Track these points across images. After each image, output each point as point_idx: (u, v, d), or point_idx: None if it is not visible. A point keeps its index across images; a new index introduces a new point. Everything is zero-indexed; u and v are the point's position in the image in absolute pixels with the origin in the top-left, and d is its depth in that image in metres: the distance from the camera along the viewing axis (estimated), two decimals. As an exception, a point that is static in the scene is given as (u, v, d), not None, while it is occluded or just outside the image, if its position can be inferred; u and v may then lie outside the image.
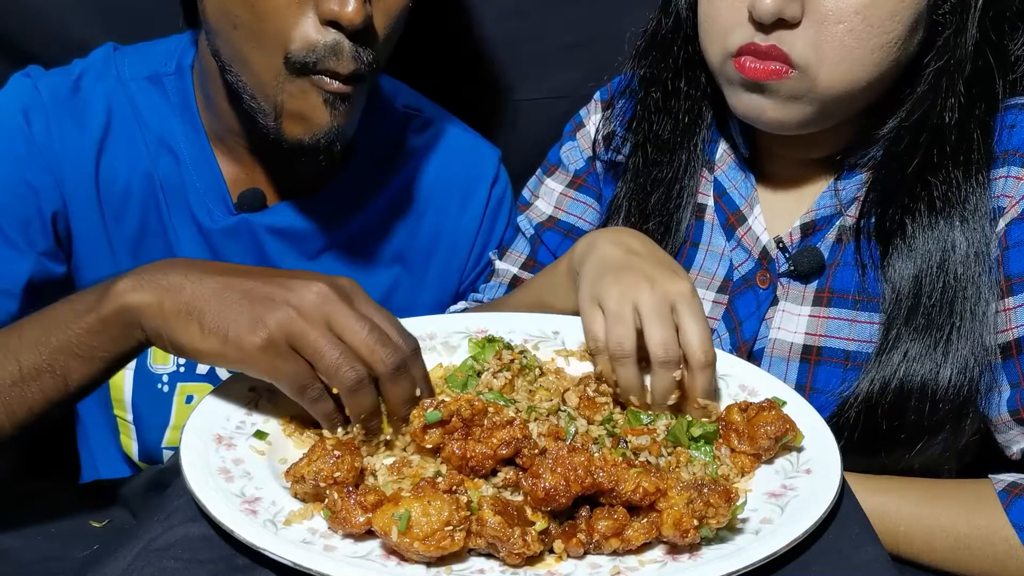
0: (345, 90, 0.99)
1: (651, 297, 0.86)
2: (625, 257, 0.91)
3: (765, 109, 0.96)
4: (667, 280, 0.87)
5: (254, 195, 1.15)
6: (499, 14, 1.38)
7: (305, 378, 0.78)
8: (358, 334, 0.78)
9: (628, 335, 0.86)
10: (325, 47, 0.96)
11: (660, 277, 0.87)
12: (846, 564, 0.71)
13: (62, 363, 0.81)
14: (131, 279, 0.81)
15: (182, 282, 0.80)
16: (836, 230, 1.02)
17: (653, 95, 1.11)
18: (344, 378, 0.77)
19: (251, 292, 0.79)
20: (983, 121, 0.95)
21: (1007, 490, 0.89)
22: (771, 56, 0.93)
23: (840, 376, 0.98)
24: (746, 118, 1.00)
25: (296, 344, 0.77)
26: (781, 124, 0.97)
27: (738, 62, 0.94)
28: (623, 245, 0.93)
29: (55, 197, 1.10)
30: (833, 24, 0.90)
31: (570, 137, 1.23)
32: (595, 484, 0.71)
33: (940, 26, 0.95)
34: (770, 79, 0.93)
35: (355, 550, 0.69)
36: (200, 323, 0.78)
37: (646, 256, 0.91)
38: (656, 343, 0.85)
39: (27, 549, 0.84)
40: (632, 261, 0.90)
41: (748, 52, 0.94)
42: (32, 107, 1.10)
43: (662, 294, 0.86)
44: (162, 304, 0.79)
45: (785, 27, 0.92)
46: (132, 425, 1.21)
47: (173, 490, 0.76)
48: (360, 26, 0.95)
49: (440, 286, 1.27)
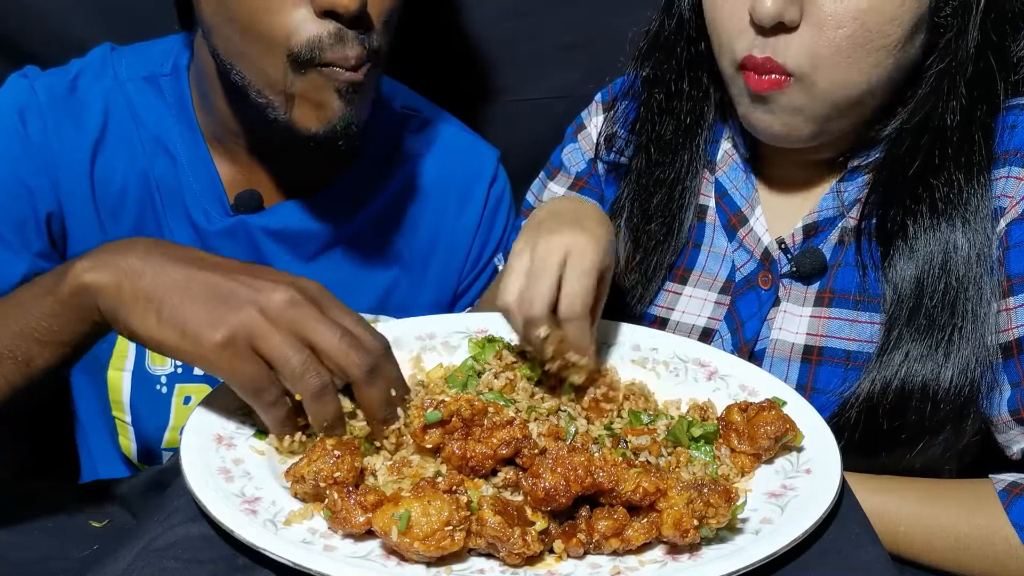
0: (357, 78, 0.98)
1: (539, 249, 0.86)
2: (545, 216, 0.91)
3: (771, 123, 0.97)
4: (565, 233, 0.87)
5: (251, 196, 1.15)
6: (498, 14, 1.38)
7: (262, 381, 0.76)
8: (330, 340, 0.76)
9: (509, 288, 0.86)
10: (329, 36, 0.95)
11: (561, 230, 0.87)
12: (846, 564, 0.71)
13: (23, 348, 0.79)
14: (90, 259, 0.79)
15: (142, 267, 0.78)
16: (838, 231, 1.02)
17: (656, 96, 1.11)
18: (308, 384, 0.76)
19: (215, 288, 0.77)
20: (984, 123, 0.95)
21: (1007, 490, 0.89)
22: (767, 69, 0.93)
23: (841, 376, 0.98)
24: (755, 131, 1.00)
25: (258, 346, 0.76)
26: (787, 138, 0.98)
27: (746, 75, 0.95)
28: (550, 208, 0.94)
29: (51, 197, 1.10)
30: (832, 29, 0.90)
31: (571, 139, 1.23)
32: (595, 484, 0.71)
33: (942, 28, 0.95)
34: (771, 90, 0.94)
35: (355, 550, 0.69)
36: (158, 313, 0.76)
37: (566, 216, 0.91)
38: (523, 299, 0.86)
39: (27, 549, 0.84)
40: (548, 218, 0.90)
41: (748, 66, 0.94)
42: (28, 107, 1.10)
43: (551, 245, 0.86)
44: (120, 286, 0.77)
45: (785, 32, 0.92)
46: (131, 426, 1.21)
47: (173, 490, 0.76)
48: (357, 12, 0.94)
49: (439, 287, 1.27)
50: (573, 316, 0.85)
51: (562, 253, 0.86)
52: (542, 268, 0.85)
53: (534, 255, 0.86)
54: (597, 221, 0.92)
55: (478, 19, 1.38)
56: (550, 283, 0.85)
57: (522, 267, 0.87)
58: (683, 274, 1.10)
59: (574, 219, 0.90)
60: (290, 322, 0.76)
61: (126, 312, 0.77)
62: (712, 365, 0.96)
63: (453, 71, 1.40)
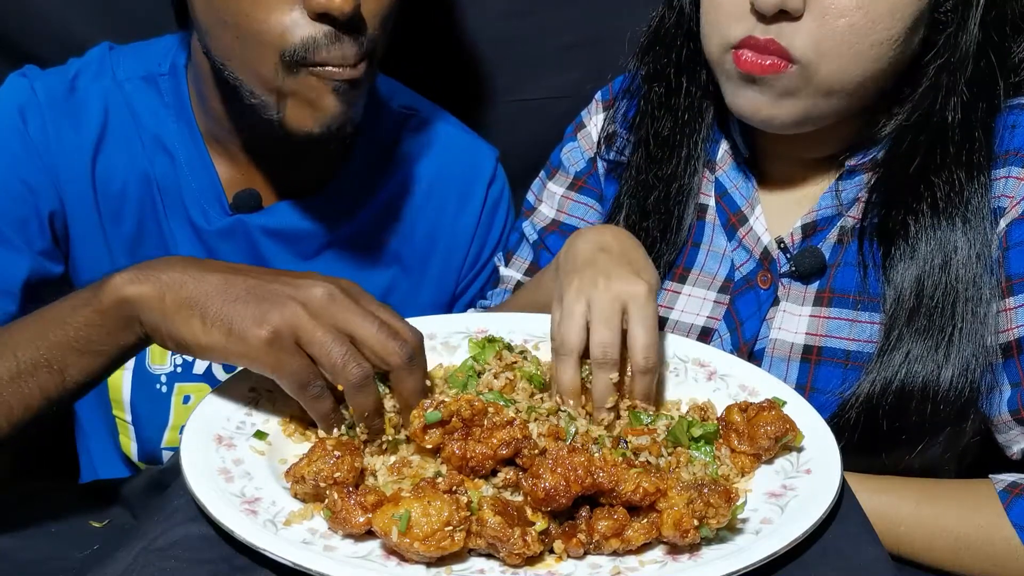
0: (355, 74, 0.98)
1: (601, 296, 0.85)
2: (593, 254, 0.90)
3: (759, 106, 0.96)
4: (623, 279, 0.86)
5: (250, 196, 1.15)
6: (498, 14, 1.38)
7: (308, 375, 0.78)
8: (369, 330, 0.78)
9: (573, 332, 0.85)
10: (325, 37, 0.95)
11: (618, 276, 0.87)
12: (846, 564, 0.71)
13: (60, 358, 0.81)
14: (130, 273, 0.80)
15: (181, 278, 0.79)
16: (837, 231, 1.02)
17: (656, 91, 1.11)
18: (351, 375, 0.77)
19: (255, 289, 0.79)
20: (985, 122, 0.95)
21: (1007, 490, 0.89)
22: (769, 50, 0.92)
23: (841, 376, 0.98)
24: (740, 114, 0.99)
25: (302, 340, 0.77)
26: (774, 121, 0.97)
27: (736, 55, 0.94)
28: (596, 242, 0.92)
29: (52, 197, 1.10)
30: (835, 18, 0.90)
31: (571, 138, 1.23)
32: (595, 484, 0.71)
33: (941, 24, 0.95)
34: (765, 73, 0.93)
35: (355, 550, 0.69)
36: (202, 317, 0.78)
37: (616, 254, 0.90)
38: (595, 343, 0.84)
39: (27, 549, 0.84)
40: (598, 258, 0.90)
41: (747, 45, 0.94)
42: (28, 107, 1.10)
43: (614, 294, 0.85)
44: (163, 297, 0.79)
45: (786, 19, 0.91)
46: (131, 426, 1.21)
47: (173, 490, 0.76)
48: (351, 14, 0.94)
49: (438, 286, 1.27)
50: (650, 369, 0.85)
51: (623, 301, 0.85)
52: (608, 316, 0.85)
53: (594, 300, 0.85)
54: (644, 259, 0.92)
55: (478, 19, 1.38)
56: (617, 333, 0.85)
57: (581, 313, 0.86)
58: (682, 273, 1.10)
59: (623, 258, 0.90)
60: (331, 316, 0.78)
61: (170, 321, 0.79)
62: (712, 365, 0.95)
63: (453, 71, 1.40)
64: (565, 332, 0.86)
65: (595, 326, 0.85)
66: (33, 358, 0.81)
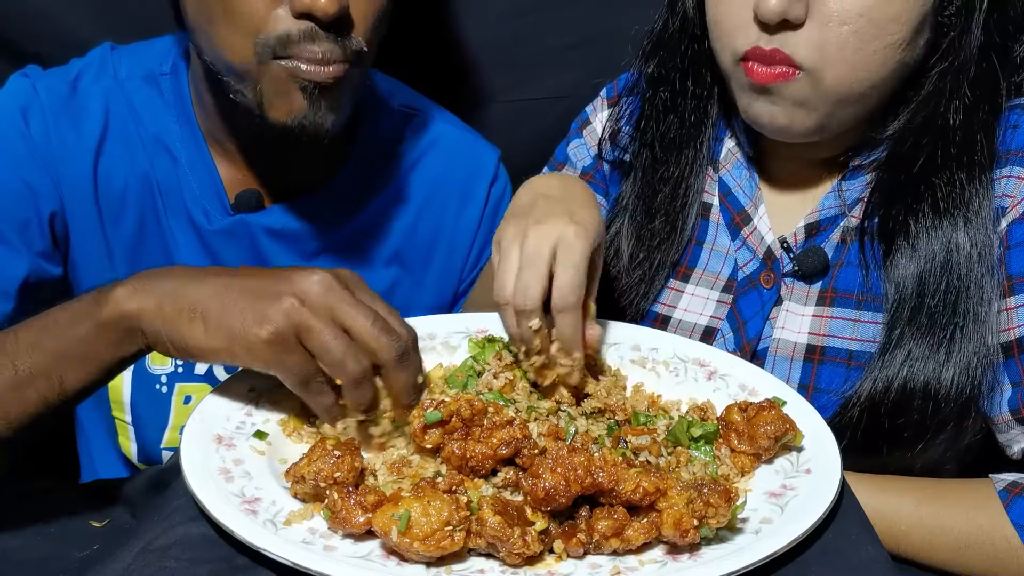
0: (321, 76, 0.97)
1: (529, 241, 0.86)
2: (533, 200, 0.91)
3: (775, 115, 0.96)
4: (553, 223, 0.86)
5: (251, 196, 1.15)
6: (498, 14, 1.38)
7: (309, 371, 0.79)
8: (362, 323, 0.79)
9: (507, 281, 0.86)
10: (299, 33, 0.95)
11: (549, 220, 0.87)
12: (846, 564, 0.71)
13: (58, 367, 0.81)
14: (128, 286, 0.81)
15: (180, 285, 0.80)
16: (840, 230, 1.02)
17: (661, 94, 1.11)
18: (349, 371, 0.78)
19: (253, 288, 0.79)
20: (987, 122, 0.95)
21: (1008, 489, 0.89)
22: (775, 60, 0.93)
23: (843, 376, 0.98)
24: (756, 124, 1.00)
25: (302, 336, 0.78)
26: (789, 131, 0.97)
27: (746, 66, 0.95)
28: (538, 189, 0.93)
29: (53, 197, 1.10)
30: (838, 25, 0.90)
31: (577, 134, 1.23)
32: (595, 484, 0.71)
33: (945, 28, 0.95)
34: (776, 82, 0.93)
35: (355, 550, 0.69)
36: (204, 321, 0.79)
37: (555, 199, 0.91)
38: (517, 290, 0.85)
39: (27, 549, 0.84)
40: (537, 203, 0.90)
41: (754, 56, 0.94)
42: (30, 107, 1.10)
43: (542, 236, 0.86)
44: (162, 307, 0.80)
45: (790, 28, 0.92)
46: (131, 426, 1.21)
47: (173, 490, 0.76)
48: (335, 16, 0.94)
49: (439, 286, 1.27)
50: (566, 307, 0.85)
51: (552, 243, 0.86)
52: (533, 259, 0.85)
53: (524, 246, 0.86)
54: (583, 203, 0.92)
55: (478, 19, 1.38)
56: (540, 274, 0.85)
57: (514, 259, 0.87)
58: (686, 272, 1.10)
59: (562, 204, 0.90)
60: (328, 308, 0.78)
61: (171, 329, 0.79)
62: (712, 365, 0.96)
63: (453, 71, 1.40)
64: (500, 281, 0.86)
65: (520, 271, 0.85)
66: (32, 367, 0.82)
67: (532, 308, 0.85)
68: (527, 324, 0.85)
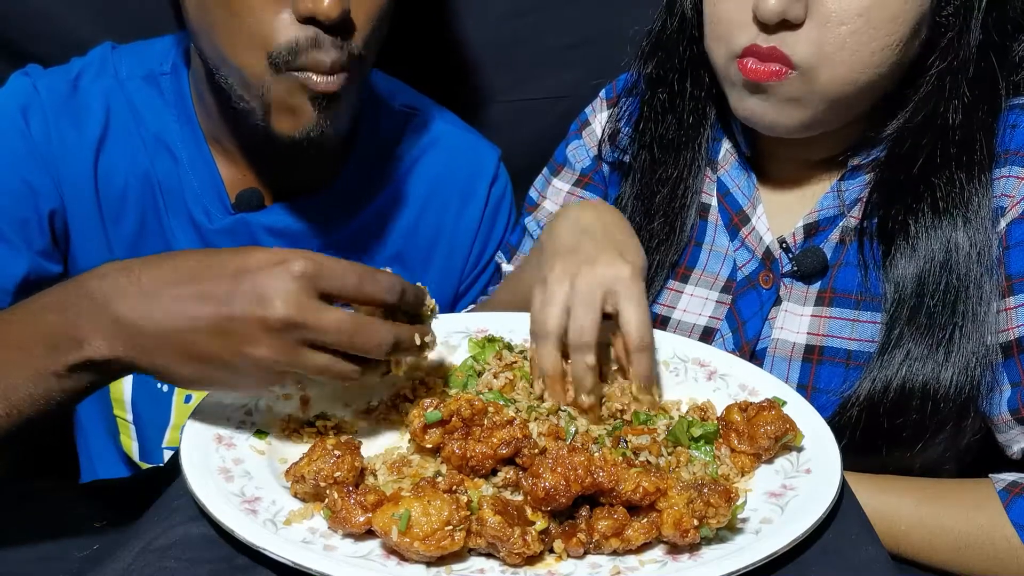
0: (330, 88, 0.98)
1: (583, 279, 0.86)
2: (576, 238, 0.91)
3: (765, 112, 0.97)
4: (606, 263, 0.86)
5: (252, 195, 1.15)
6: (498, 14, 1.38)
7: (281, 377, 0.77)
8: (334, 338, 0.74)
9: (552, 315, 0.86)
10: (307, 41, 0.95)
11: (601, 259, 0.87)
12: (846, 564, 0.71)
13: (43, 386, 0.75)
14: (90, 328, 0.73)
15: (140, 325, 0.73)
16: (839, 231, 1.02)
17: (660, 95, 1.11)
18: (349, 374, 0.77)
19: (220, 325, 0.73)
20: (986, 122, 0.95)
21: (1008, 489, 0.89)
22: (772, 58, 0.93)
23: (842, 376, 0.98)
24: (747, 120, 1.00)
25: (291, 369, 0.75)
26: (779, 127, 0.98)
27: (741, 63, 0.95)
28: (576, 225, 0.93)
29: (53, 196, 1.10)
30: (836, 25, 0.90)
31: (576, 136, 1.23)
32: (595, 484, 0.71)
33: (943, 27, 0.95)
34: (770, 80, 0.93)
35: (355, 550, 0.69)
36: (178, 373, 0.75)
37: (599, 236, 0.90)
38: (573, 325, 0.85)
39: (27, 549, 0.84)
40: (582, 242, 0.90)
41: (750, 54, 0.94)
42: (31, 106, 1.10)
43: (598, 277, 0.85)
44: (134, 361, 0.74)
45: (788, 28, 0.92)
46: (132, 425, 1.21)
47: (173, 490, 0.76)
48: (337, 19, 0.94)
49: (440, 286, 1.27)
50: (644, 347, 0.85)
51: (607, 283, 0.85)
52: (588, 299, 0.85)
53: (576, 284, 0.86)
54: (626, 237, 0.92)
55: (478, 19, 1.38)
56: (596, 312, 0.85)
57: (560, 296, 0.86)
58: (684, 273, 1.10)
59: (609, 240, 0.90)
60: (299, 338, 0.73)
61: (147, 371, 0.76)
62: (712, 365, 0.96)
63: (453, 71, 1.40)
64: (546, 315, 0.86)
65: (575, 309, 0.85)
66: None
67: (589, 342, 0.85)
68: (582, 361, 0.85)
